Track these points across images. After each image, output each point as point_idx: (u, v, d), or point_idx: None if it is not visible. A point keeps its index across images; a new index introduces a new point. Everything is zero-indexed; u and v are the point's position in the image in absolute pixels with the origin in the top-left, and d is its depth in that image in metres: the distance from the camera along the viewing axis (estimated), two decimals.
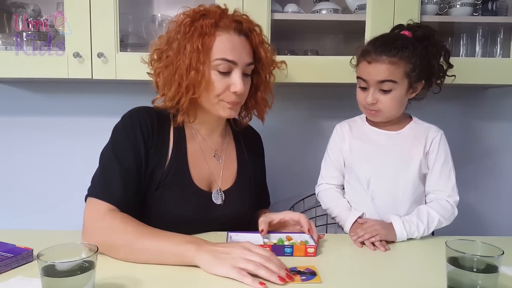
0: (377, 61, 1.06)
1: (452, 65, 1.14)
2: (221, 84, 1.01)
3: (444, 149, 1.13)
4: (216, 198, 1.08)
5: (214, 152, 1.13)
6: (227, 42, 1.00)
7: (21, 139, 1.68)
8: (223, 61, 0.99)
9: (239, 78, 1.00)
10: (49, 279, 0.65)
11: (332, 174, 1.22)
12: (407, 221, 1.04)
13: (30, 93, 1.66)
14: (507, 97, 1.70)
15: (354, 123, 1.23)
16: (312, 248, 0.91)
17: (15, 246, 0.87)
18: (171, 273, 0.83)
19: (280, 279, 0.77)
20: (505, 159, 1.74)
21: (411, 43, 1.07)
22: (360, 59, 1.11)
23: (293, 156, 1.72)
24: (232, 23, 1.01)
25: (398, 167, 1.12)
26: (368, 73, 1.08)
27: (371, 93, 1.08)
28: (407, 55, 1.05)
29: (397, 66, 1.05)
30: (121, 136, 1.01)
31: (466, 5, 1.40)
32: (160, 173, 1.01)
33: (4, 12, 1.50)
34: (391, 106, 1.08)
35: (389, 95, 1.07)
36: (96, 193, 0.94)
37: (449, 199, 1.10)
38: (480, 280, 0.70)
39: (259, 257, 0.80)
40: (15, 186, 1.68)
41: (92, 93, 1.64)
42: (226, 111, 1.04)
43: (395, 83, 1.06)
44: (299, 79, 1.40)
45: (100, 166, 0.99)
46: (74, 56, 1.32)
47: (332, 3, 1.44)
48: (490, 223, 1.75)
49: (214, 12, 1.01)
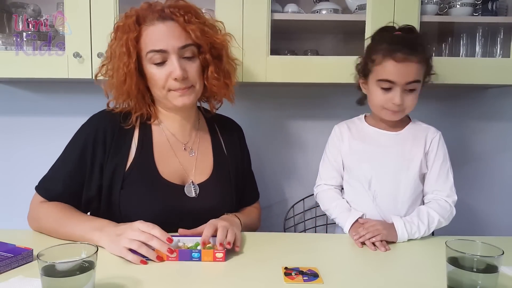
0: (407, 60, 1.05)
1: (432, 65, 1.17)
2: (161, 75, 1.02)
3: (442, 149, 1.14)
4: (189, 191, 1.09)
5: (185, 145, 1.13)
6: (152, 34, 1.01)
7: (21, 139, 1.68)
8: (153, 53, 1.00)
9: (176, 63, 1.00)
10: (49, 279, 0.65)
11: (330, 175, 1.22)
12: (408, 222, 1.04)
13: (30, 93, 1.66)
14: (507, 97, 1.70)
15: (352, 124, 1.23)
16: (220, 253, 0.88)
17: (15, 246, 0.88)
18: (171, 273, 0.83)
19: (157, 258, 0.86)
20: (505, 159, 1.74)
21: (426, 41, 1.11)
22: (385, 58, 1.07)
23: (293, 156, 1.72)
24: (155, 14, 1.02)
25: (399, 167, 1.12)
26: (397, 74, 1.06)
27: (399, 94, 1.07)
28: (427, 54, 1.09)
29: (422, 65, 1.08)
30: (75, 138, 1.09)
31: (466, 5, 1.40)
32: (121, 172, 1.04)
33: (4, 12, 1.50)
34: (414, 105, 1.10)
35: (413, 94, 1.09)
36: (37, 186, 1.07)
37: (447, 199, 1.10)
38: (480, 280, 0.70)
39: (144, 235, 0.88)
40: (15, 186, 1.68)
41: (92, 93, 1.64)
42: (178, 99, 1.04)
43: (419, 83, 1.08)
44: (299, 79, 1.40)
45: (54, 162, 1.09)
46: (74, 56, 1.32)
47: (332, 3, 1.44)
48: (490, 223, 1.75)
49: (140, 9, 1.03)
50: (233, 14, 1.32)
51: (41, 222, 1.02)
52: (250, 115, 1.65)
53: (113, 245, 0.89)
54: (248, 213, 1.21)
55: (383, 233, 1.00)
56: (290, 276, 0.81)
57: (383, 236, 0.99)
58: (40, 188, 1.07)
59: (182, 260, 0.88)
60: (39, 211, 1.04)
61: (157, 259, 0.87)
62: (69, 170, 1.05)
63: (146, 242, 0.87)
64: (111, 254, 0.89)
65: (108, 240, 0.90)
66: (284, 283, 0.79)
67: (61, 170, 1.06)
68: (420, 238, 1.05)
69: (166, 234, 0.90)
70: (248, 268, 0.87)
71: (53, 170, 1.08)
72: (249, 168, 1.29)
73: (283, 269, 0.84)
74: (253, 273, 0.84)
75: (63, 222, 0.98)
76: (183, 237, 0.95)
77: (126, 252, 0.87)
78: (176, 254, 0.87)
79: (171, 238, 0.90)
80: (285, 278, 0.80)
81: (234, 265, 0.88)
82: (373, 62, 1.10)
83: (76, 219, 0.99)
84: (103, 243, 0.90)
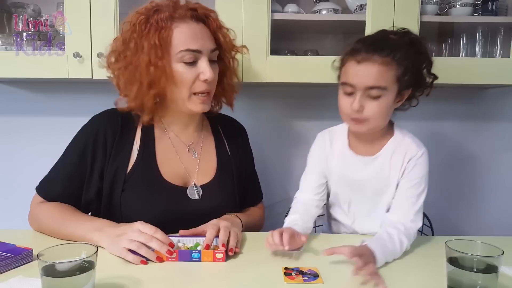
0: (368, 60, 0.94)
1: (437, 76, 1.03)
2: (189, 76, 1.00)
3: (418, 170, 1.01)
4: (192, 193, 1.08)
5: (189, 147, 1.12)
6: (187, 32, 0.99)
7: (21, 139, 1.68)
8: (187, 52, 0.98)
9: (207, 65, 0.99)
10: (49, 279, 0.65)
11: (312, 185, 1.12)
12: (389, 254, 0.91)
13: (30, 93, 1.66)
14: (507, 97, 1.70)
15: (334, 136, 1.12)
16: (220, 253, 0.88)
17: (15, 246, 0.88)
18: (171, 273, 0.83)
19: (157, 258, 0.86)
20: (505, 159, 1.74)
21: (404, 45, 0.98)
22: (347, 58, 0.99)
23: (293, 156, 1.72)
24: (187, 11, 1.00)
25: (377, 192, 1.06)
26: (356, 75, 0.96)
27: (358, 98, 0.96)
28: (400, 56, 0.95)
29: (389, 68, 0.95)
30: (75, 140, 1.08)
31: (466, 5, 1.40)
32: (122, 175, 1.03)
33: (4, 12, 1.50)
34: (379, 114, 0.97)
35: (377, 102, 0.96)
36: (38, 187, 1.07)
37: (412, 225, 0.99)
38: (480, 280, 0.70)
39: (143, 236, 0.88)
40: (15, 186, 1.68)
41: (92, 93, 1.64)
42: (198, 106, 1.03)
43: (385, 90, 0.95)
44: (299, 79, 1.40)
45: (54, 163, 1.08)
46: (74, 56, 1.32)
47: (332, 3, 1.44)
48: (490, 223, 1.75)
49: (166, 5, 1.01)
50: (233, 14, 1.32)
51: (41, 222, 1.03)
52: (250, 115, 1.65)
53: (113, 246, 0.89)
54: (250, 213, 1.21)
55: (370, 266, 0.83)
56: (290, 276, 0.81)
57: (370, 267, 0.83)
58: (40, 189, 1.07)
59: (182, 261, 0.88)
60: (40, 211, 1.04)
61: (156, 259, 0.87)
62: (69, 172, 1.05)
63: (145, 243, 0.87)
64: (111, 254, 0.89)
65: (108, 241, 0.90)
66: (284, 283, 0.79)
67: (61, 172, 1.06)
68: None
69: (168, 238, 0.90)
70: (248, 268, 0.87)
71: (53, 171, 1.08)
72: (252, 169, 1.29)
73: (283, 269, 0.84)
74: (253, 273, 0.84)
75: (63, 223, 0.98)
76: (183, 238, 0.95)
77: (126, 252, 0.87)
78: (176, 254, 0.87)
79: (172, 243, 0.90)
80: (285, 278, 0.80)
81: (234, 265, 0.88)
82: (339, 64, 1.03)
83: (76, 220, 0.99)
84: (103, 243, 0.91)
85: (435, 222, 1.39)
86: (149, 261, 0.87)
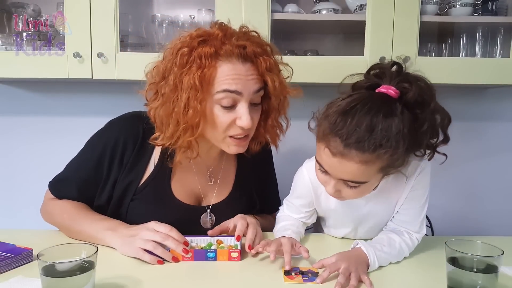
0: (344, 156, 0.78)
1: (449, 138, 0.88)
2: (225, 119, 0.91)
3: (422, 184, 0.93)
4: (205, 222, 1.05)
5: (209, 172, 1.07)
6: (229, 72, 0.88)
7: (21, 139, 1.68)
8: (225, 93, 0.88)
9: (246, 111, 0.90)
10: (49, 279, 0.65)
11: (299, 210, 1.04)
12: (384, 258, 0.89)
13: (30, 93, 1.66)
14: (506, 97, 1.70)
15: None
16: (236, 252, 0.87)
17: (15, 246, 0.88)
18: (171, 273, 0.83)
19: (173, 259, 0.86)
20: (505, 159, 1.74)
21: (395, 126, 0.77)
22: (321, 143, 0.83)
23: (294, 157, 1.72)
24: (235, 49, 0.88)
25: (381, 218, 0.99)
26: (330, 165, 0.82)
27: (333, 185, 0.84)
28: (385, 152, 0.77)
29: (371, 165, 0.79)
30: (94, 144, 1.03)
31: (466, 5, 1.40)
32: (134, 187, 1.01)
33: (4, 12, 1.50)
34: (359, 196, 0.88)
35: (356, 189, 0.84)
36: (52, 185, 1.06)
37: (418, 236, 0.97)
38: (480, 280, 0.70)
39: (159, 236, 0.87)
40: (15, 186, 1.68)
41: (92, 93, 1.64)
42: (232, 148, 0.96)
43: (365, 182, 0.83)
44: (299, 79, 1.39)
45: (70, 162, 1.05)
46: (74, 56, 1.32)
47: (332, 3, 1.44)
48: (490, 223, 1.75)
49: (214, 37, 0.89)
50: (233, 14, 1.32)
51: (55, 216, 1.02)
52: None
53: (127, 246, 0.88)
54: (265, 217, 1.17)
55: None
56: (290, 276, 0.81)
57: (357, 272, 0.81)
58: (54, 188, 1.06)
59: (197, 260, 0.87)
60: (54, 205, 1.03)
61: (172, 259, 0.86)
62: (84, 176, 1.02)
63: (161, 242, 0.86)
64: (111, 254, 0.89)
65: (121, 241, 0.89)
66: (284, 283, 0.79)
67: (76, 174, 1.03)
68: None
69: (183, 237, 0.89)
70: (248, 268, 0.87)
71: (68, 171, 1.05)
72: (272, 185, 1.23)
73: (283, 269, 0.84)
74: (253, 273, 0.84)
75: (77, 219, 0.97)
76: (195, 237, 0.94)
77: (142, 253, 0.85)
78: (192, 254, 0.87)
79: (187, 241, 0.89)
80: (285, 278, 0.80)
81: (233, 264, 0.88)
82: (314, 130, 0.89)
83: (90, 218, 0.97)
84: (115, 243, 0.89)
85: (435, 222, 1.39)
86: (165, 261, 0.86)
